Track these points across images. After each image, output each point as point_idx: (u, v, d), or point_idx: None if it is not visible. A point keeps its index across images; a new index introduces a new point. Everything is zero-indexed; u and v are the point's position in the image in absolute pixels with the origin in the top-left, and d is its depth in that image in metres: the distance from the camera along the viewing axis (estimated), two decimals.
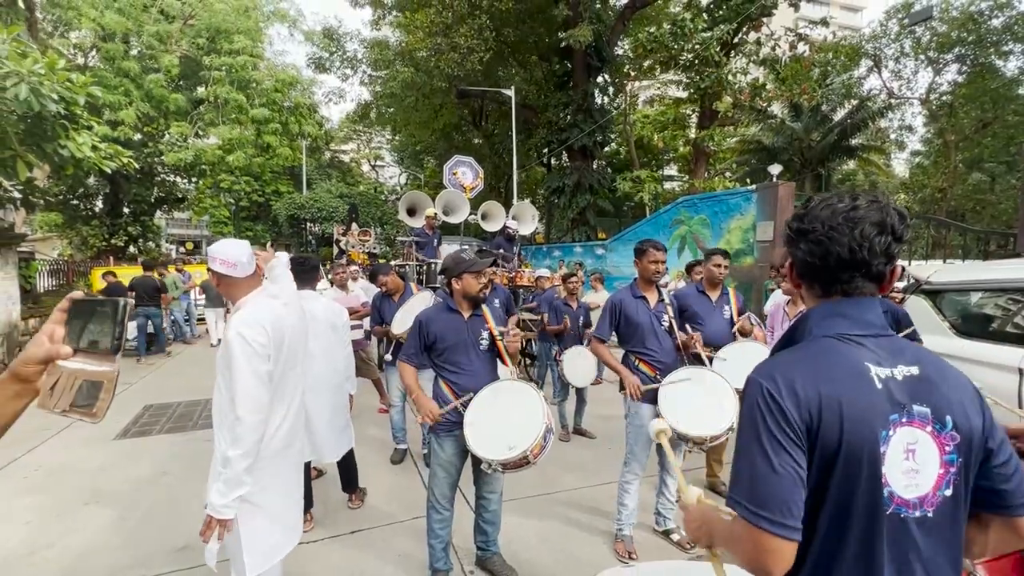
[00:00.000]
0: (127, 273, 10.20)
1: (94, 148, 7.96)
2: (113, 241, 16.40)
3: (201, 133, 18.16)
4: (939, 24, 19.03)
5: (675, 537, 2.96)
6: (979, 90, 18.97)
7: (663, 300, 2.98)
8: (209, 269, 1.84)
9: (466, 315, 2.48)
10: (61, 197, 17.09)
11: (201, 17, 17.08)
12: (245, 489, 1.69)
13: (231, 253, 1.80)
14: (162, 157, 17.33)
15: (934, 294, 3.54)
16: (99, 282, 9.96)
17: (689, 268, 4.98)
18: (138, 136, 16.59)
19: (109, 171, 9.01)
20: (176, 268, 10.91)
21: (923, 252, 11.32)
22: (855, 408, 0.84)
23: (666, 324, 2.94)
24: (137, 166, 10.43)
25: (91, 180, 16.92)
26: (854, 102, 21.44)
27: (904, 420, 0.85)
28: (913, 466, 0.85)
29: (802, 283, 0.99)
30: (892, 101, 21.16)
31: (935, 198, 20.55)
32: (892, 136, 23.06)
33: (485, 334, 2.49)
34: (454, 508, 2.53)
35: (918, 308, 3.53)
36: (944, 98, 20.37)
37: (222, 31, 17.16)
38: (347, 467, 3.36)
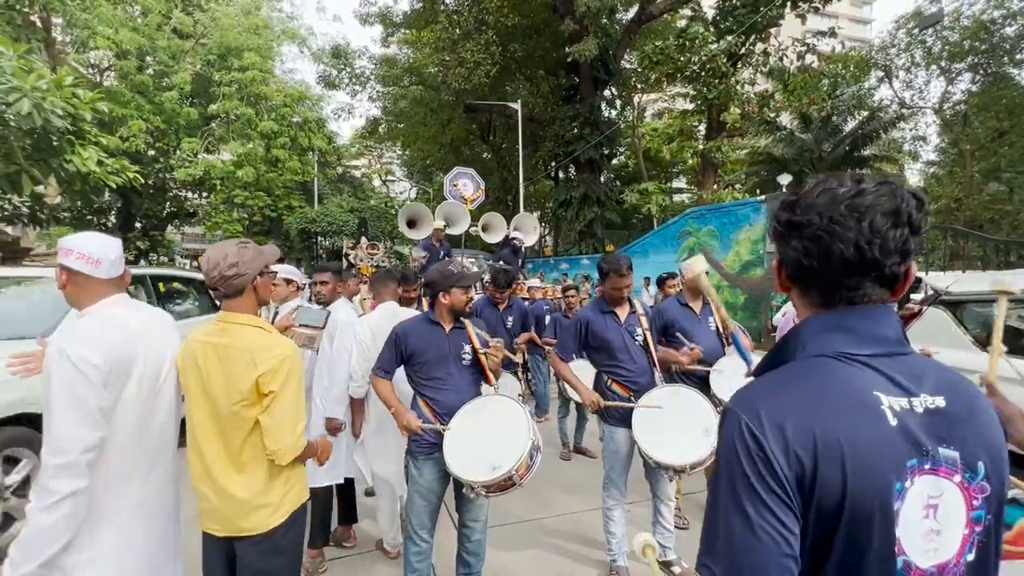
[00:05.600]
0: None
1: (99, 163, 8.02)
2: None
3: (212, 148, 18.42)
4: (950, 33, 18.81)
5: (676, 570, 2.74)
6: (993, 99, 18.63)
7: (635, 311, 2.76)
8: (60, 265, 1.47)
9: (447, 328, 2.33)
10: (75, 213, 17.38)
11: (212, 36, 17.44)
12: (46, 556, 1.31)
13: (94, 247, 1.47)
14: (173, 173, 17.57)
15: (954, 305, 3.32)
16: None
17: (661, 282, 4.49)
18: (151, 152, 16.85)
19: (114, 186, 9.09)
20: None
21: (941, 263, 10.98)
22: (862, 452, 0.65)
23: (640, 339, 2.72)
24: (143, 180, 10.53)
25: (106, 196, 17.20)
26: (865, 113, 21.23)
27: (927, 467, 0.67)
28: (934, 526, 0.67)
29: (794, 287, 0.80)
30: (904, 111, 20.90)
31: (951, 208, 20.11)
32: (905, 147, 22.71)
33: (468, 348, 2.34)
34: (434, 538, 2.34)
35: (938, 320, 3.31)
36: (958, 107, 20.05)
37: (232, 48, 17.49)
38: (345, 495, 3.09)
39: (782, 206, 0.79)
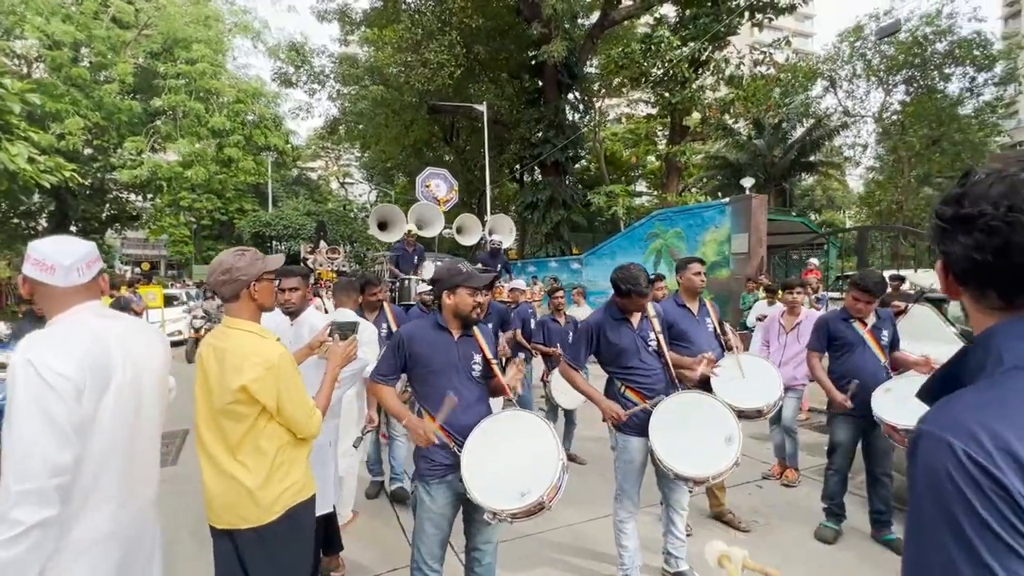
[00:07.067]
0: None
1: (31, 160, 7.28)
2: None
3: (157, 147, 17.25)
4: (887, 47, 20.08)
5: None
6: (926, 109, 20.01)
7: (647, 316, 2.69)
8: (21, 273, 1.33)
9: (456, 335, 2.14)
10: None
11: (158, 26, 16.38)
12: None
13: (49, 252, 1.29)
14: (114, 173, 16.35)
15: (938, 302, 3.42)
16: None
17: (650, 283, 4.50)
18: (88, 150, 15.60)
19: (48, 185, 8.31)
20: (128, 288, 10.15)
21: (881, 263, 11.64)
22: None
23: (654, 344, 2.65)
24: (81, 180, 9.70)
25: (36, 197, 15.81)
26: (812, 120, 22.36)
27: None
28: None
29: (965, 291, 0.70)
30: (847, 119, 22.15)
31: (891, 211, 21.45)
32: (847, 153, 24.08)
33: (478, 358, 2.15)
34: (443, 567, 2.14)
35: (924, 316, 3.39)
36: (895, 116, 21.41)
37: (179, 40, 16.47)
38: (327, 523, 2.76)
39: (944, 201, 0.69)
